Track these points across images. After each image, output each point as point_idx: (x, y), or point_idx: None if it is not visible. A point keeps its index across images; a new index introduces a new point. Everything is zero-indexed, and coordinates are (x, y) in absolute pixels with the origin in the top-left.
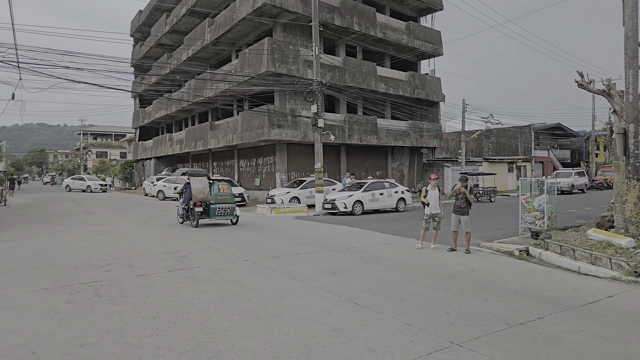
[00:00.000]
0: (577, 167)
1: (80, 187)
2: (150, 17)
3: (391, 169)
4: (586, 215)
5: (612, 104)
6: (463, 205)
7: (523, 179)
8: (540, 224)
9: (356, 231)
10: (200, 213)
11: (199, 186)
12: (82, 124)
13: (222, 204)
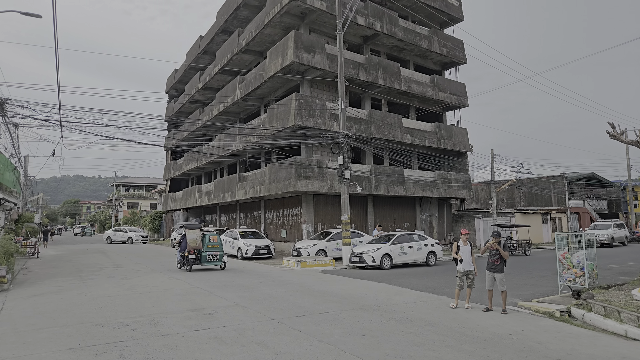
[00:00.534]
0: (615, 218)
1: (121, 238)
2: (185, 75)
3: (420, 220)
4: (629, 271)
5: None
6: (497, 262)
7: (559, 233)
8: (581, 282)
9: (385, 287)
10: (194, 259)
11: (193, 237)
12: (116, 176)
13: (211, 252)
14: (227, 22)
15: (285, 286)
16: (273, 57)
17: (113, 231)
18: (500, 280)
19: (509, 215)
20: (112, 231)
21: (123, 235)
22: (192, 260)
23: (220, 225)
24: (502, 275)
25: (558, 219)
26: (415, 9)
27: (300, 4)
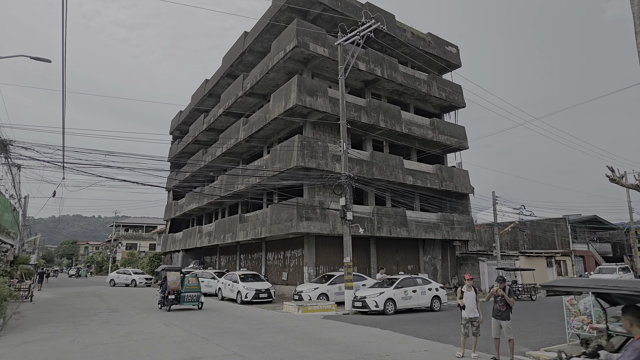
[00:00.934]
0: (620, 261)
1: (124, 281)
2: (189, 117)
3: (423, 262)
4: None
5: None
6: (503, 309)
7: (564, 277)
8: (589, 330)
9: (389, 335)
10: (173, 300)
11: (173, 278)
12: (116, 216)
13: (190, 292)
14: (232, 66)
15: (285, 333)
16: (277, 100)
17: (117, 273)
18: (506, 328)
19: (513, 258)
20: (115, 273)
21: (127, 278)
22: (171, 300)
23: (220, 267)
24: (508, 323)
25: (563, 262)
26: (414, 56)
27: (303, 51)
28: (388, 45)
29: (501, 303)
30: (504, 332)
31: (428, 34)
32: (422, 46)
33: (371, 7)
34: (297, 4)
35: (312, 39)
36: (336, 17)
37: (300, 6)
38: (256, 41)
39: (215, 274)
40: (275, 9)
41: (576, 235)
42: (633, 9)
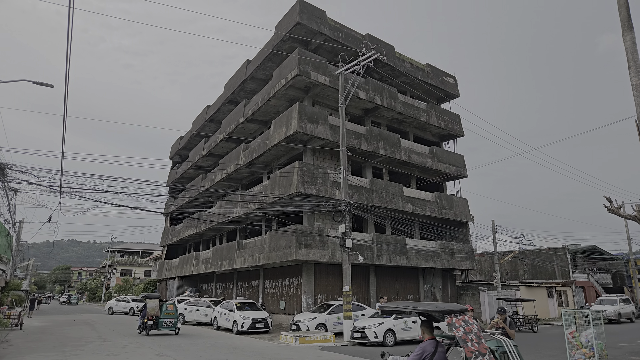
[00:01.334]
0: (620, 292)
1: (123, 309)
2: (190, 142)
3: (423, 292)
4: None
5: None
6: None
7: (566, 309)
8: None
9: None
10: (151, 325)
11: (152, 305)
12: (112, 241)
13: (167, 318)
14: (234, 93)
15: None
16: (277, 126)
17: (115, 301)
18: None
19: (513, 288)
20: (114, 301)
21: (125, 306)
22: (150, 326)
23: (217, 295)
24: None
25: (564, 293)
26: (414, 86)
27: (304, 79)
28: (388, 74)
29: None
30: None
31: (427, 65)
32: (421, 76)
33: (371, 38)
34: (299, 34)
35: (314, 67)
36: (337, 47)
37: (302, 36)
38: (258, 69)
39: (211, 302)
40: (278, 38)
41: (576, 266)
42: (626, 44)
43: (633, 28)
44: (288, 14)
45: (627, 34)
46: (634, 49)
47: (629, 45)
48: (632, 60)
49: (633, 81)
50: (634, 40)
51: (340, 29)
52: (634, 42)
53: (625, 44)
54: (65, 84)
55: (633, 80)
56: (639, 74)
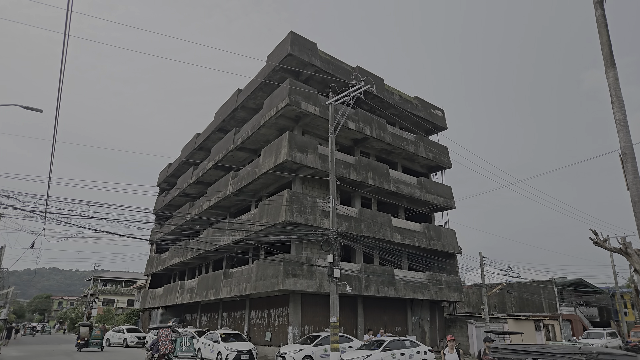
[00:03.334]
0: (607, 326)
1: (118, 340)
2: (178, 170)
3: (411, 324)
4: None
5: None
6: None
7: (553, 342)
8: None
9: None
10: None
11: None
12: (94, 270)
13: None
14: (224, 121)
15: None
16: (267, 155)
17: (113, 332)
18: None
19: (501, 321)
20: (112, 332)
21: (119, 337)
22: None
23: (201, 326)
24: None
25: (551, 326)
26: (402, 117)
27: (295, 109)
28: (377, 106)
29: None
30: None
31: (415, 97)
32: (410, 108)
33: (361, 71)
34: (291, 65)
35: (304, 98)
36: (327, 79)
37: (293, 67)
38: (249, 98)
39: (196, 332)
40: (269, 68)
41: (563, 299)
42: (608, 80)
43: (615, 65)
44: (280, 45)
45: (609, 71)
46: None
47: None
48: (615, 95)
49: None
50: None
51: (330, 61)
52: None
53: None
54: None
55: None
56: (622, 109)
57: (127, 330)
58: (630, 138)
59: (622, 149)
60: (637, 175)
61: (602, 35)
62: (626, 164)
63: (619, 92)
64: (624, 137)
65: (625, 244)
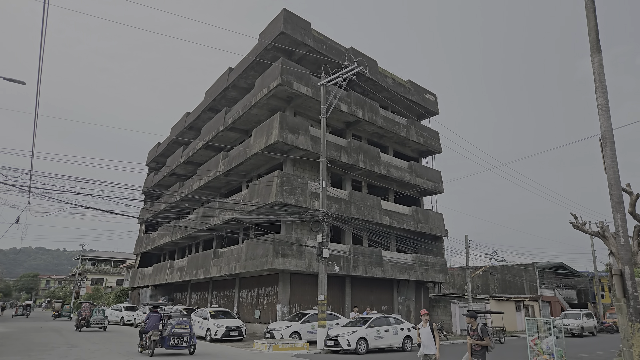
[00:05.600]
0: (584, 308)
1: (115, 318)
2: (168, 149)
3: (397, 303)
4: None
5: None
6: (478, 348)
7: (530, 318)
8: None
9: None
10: (156, 342)
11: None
12: (82, 249)
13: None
14: (215, 101)
15: None
16: (258, 135)
17: (111, 310)
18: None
19: (483, 301)
20: (110, 310)
21: (117, 315)
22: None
23: (191, 304)
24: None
25: (531, 307)
26: (395, 101)
27: (287, 89)
28: (370, 89)
29: (475, 338)
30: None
31: (408, 81)
32: (402, 92)
33: (354, 52)
34: (283, 43)
35: (296, 78)
36: (320, 59)
37: (286, 46)
38: (240, 77)
39: (185, 310)
40: (261, 47)
41: (544, 281)
42: (593, 65)
43: (601, 51)
44: (272, 23)
45: (595, 56)
46: (601, 71)
47: (596, 67)
48: (599, 81)
49: (599, 101)
50: (602, 62)
51: (324, 41)
52: (601, 64)
53: (593, 65)
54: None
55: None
56: (604, 94)
57: (125, 308)
58: (610, 123)
59: (602, 133)
60: (614, 159)
61: (589, 21)
62: (605, 148)
63: (603, 77)
64: (604, 122)
65: (603, 228)
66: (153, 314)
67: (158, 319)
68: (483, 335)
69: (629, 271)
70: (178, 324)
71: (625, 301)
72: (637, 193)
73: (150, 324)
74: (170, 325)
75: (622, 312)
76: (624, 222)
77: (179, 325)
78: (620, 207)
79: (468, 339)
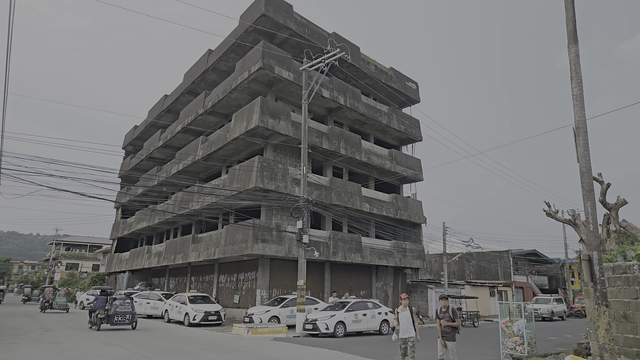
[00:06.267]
0: (555, 293)
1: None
2: (145, 132)
3: (375, 288)
4: (566, 342)
5: (578, 232)
6: (449, 330)
7: (502, 302)
8: (521, 350)
9: (336, 355)
10: (102, 319)
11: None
12: (56, 234)
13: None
14: (194, 83)
15: (232, 353)
16: (238, 120)
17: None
18: (451, 349)
19: (459, 287)
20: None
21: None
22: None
23: (169, 290)
24: (453, 344)
25: (504, 292)
26: (377, 88)
27: (268, 73)
28: (352, 75)
29: (447, 320)
30: (448, 353)
31: (391, 69)
32: (385, 79)
33: (337, 37)
34: (265, 26)
35: (278, 62)
36: (302, 43)
37: (268, 29)
38: (220, 60)
39: (163, 295)
40: (242, 29)
41: (517, 268)
42: (570, 56)
43: (577, 41)
44: (253, 5)
45: (572, 47)
46: (577, 61)
47: (572, 57)
48: (575, 71)
49: (574, 91)
50: (578, 53)
51: (306, 25)
52: (578, 54)
53: (570, 55)
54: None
55: (574, 90)
56: (579, 84)
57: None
58: (584, 113)
59: (576, 122)
60: (587, 148)
61: (567, 11)
62: (578, 137)
63: (579, 68)
64: (578, 111)
65: (575, 216)
66: (101, 296)
67: (105, 300)
68: (454, 317)
69: (597, 256)
70: (122, 305)
71: (593, 285)
72: (607, 182)
73: (98, 304)
74: (115, 306)
75: (589, 295)
76: (593, 209)
77: (123, 306)
78: (591, 195)
79: (438, 322)
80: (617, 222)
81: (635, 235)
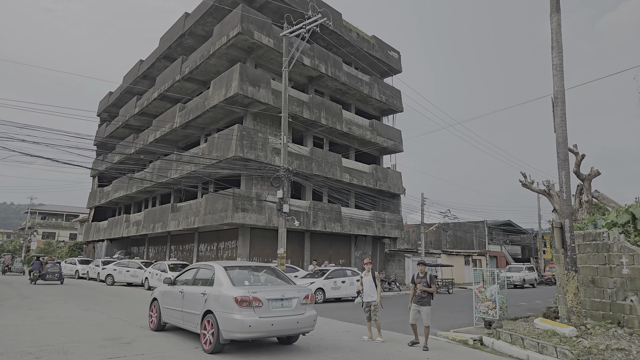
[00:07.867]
0: (527, 262)
1: (70, 271)
2: (120, 99)
3: (354, 257)
4: (536, 307)
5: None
6: (424, 295)
7: (476, 269)
8: (493, 314)
9: None
10: (37, 276)
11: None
12: (31, 203)
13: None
14: (170, 48)
15: None
16: (217, 87)
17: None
18: (426, 314)
19: (435, 256)
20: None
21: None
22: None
23: (149, 258)
24: (428, 309)
25: (479, 261)
26: (359, 57)
27: (247, 39)
28: (334, 43)
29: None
30: (422, 317)
31: (373, 37)
32: (367, 48)
33: (319, 2)
34: None
35: (257, 27)
36: (283, 8)
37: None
38: (197, 24)
39: (143, 264)
40: None
41: (492, 237)
42: (552, 25)
43: (560, 10)
44: None
45: (554, 16)
46: (558, 31)
47: (554, 27)
48: (556, 41)
49: (554, 61)
50: (560, 22)
51: None
52: (559, 24)
53: (552, 25)
54: None
55: (554, 60)
56: (560, 54)
57: (79, 262)
58: (563, 83)
59: (554, 93)
60: (564, 118)
61: None
62: (556, 108)
63: (560, 37)
64: (557, 82)
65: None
66: (36, 261)
67: (40, 264)
68: (431, 283)
69: (569, 224)
70: (52, 267)
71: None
72: (582, 154)
73: (34, 267)
74: (47, 267)
75: (560, 262)
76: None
77: (52, 268)
78: (566, 164)
79: (412, 287)
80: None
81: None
